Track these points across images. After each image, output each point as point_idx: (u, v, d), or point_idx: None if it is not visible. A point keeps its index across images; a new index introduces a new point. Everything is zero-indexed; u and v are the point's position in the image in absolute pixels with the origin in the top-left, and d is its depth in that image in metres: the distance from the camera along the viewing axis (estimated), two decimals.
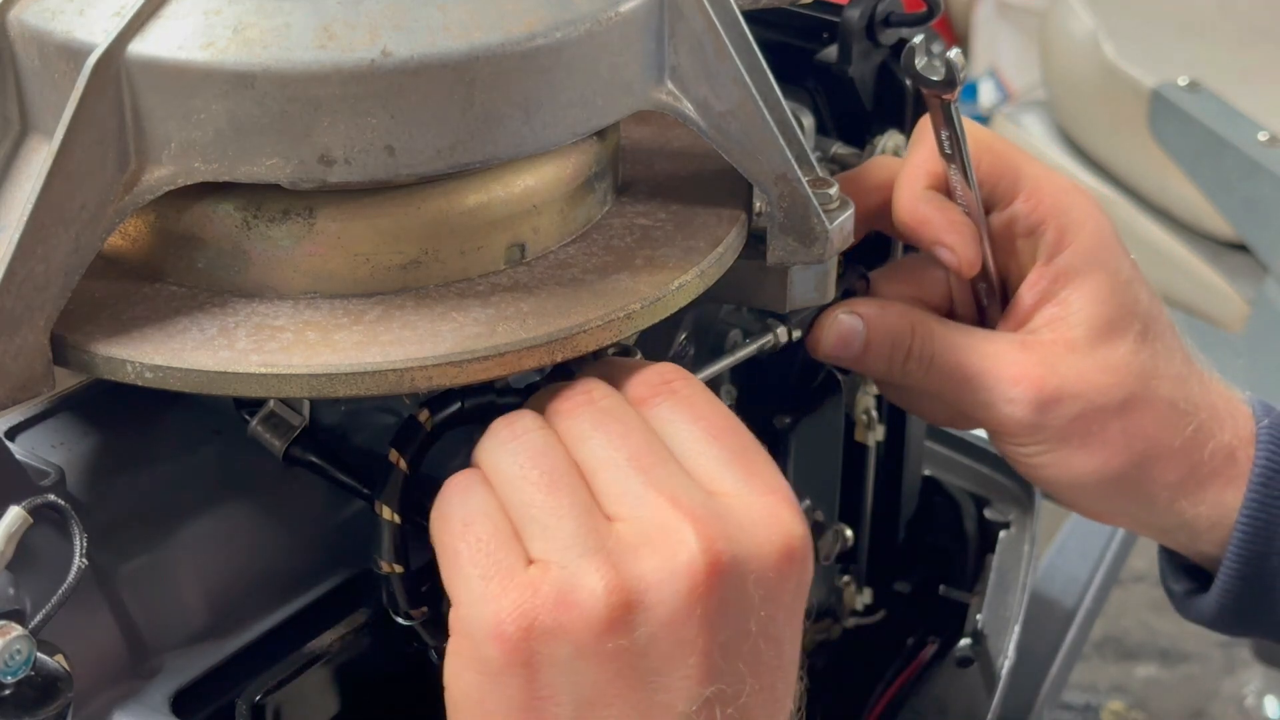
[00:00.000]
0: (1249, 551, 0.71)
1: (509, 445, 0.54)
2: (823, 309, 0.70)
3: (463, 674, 0.52)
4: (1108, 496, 0.72)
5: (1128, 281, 0.70)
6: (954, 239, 0.69)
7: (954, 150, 0.68)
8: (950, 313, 0.74)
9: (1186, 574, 0.77)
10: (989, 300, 0.73)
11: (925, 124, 0.71)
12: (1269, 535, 0.71)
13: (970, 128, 0.69)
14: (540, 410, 0.56)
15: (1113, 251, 0.70)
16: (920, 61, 0.67)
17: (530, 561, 0.51)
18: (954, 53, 0.66)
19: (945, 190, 0.70)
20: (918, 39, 0.67)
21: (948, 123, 0.68)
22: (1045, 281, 0.70)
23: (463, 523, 0.53)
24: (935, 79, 0.67)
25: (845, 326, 0.70)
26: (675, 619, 0.50)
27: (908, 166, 0.71)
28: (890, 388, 0.75)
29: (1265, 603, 0.73)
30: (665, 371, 0.56)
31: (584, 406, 0.54)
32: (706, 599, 0.50)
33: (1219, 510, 0.71)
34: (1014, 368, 0.69)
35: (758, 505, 0.53)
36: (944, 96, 0.67)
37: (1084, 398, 0.69)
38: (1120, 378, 0.69)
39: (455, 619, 0.52)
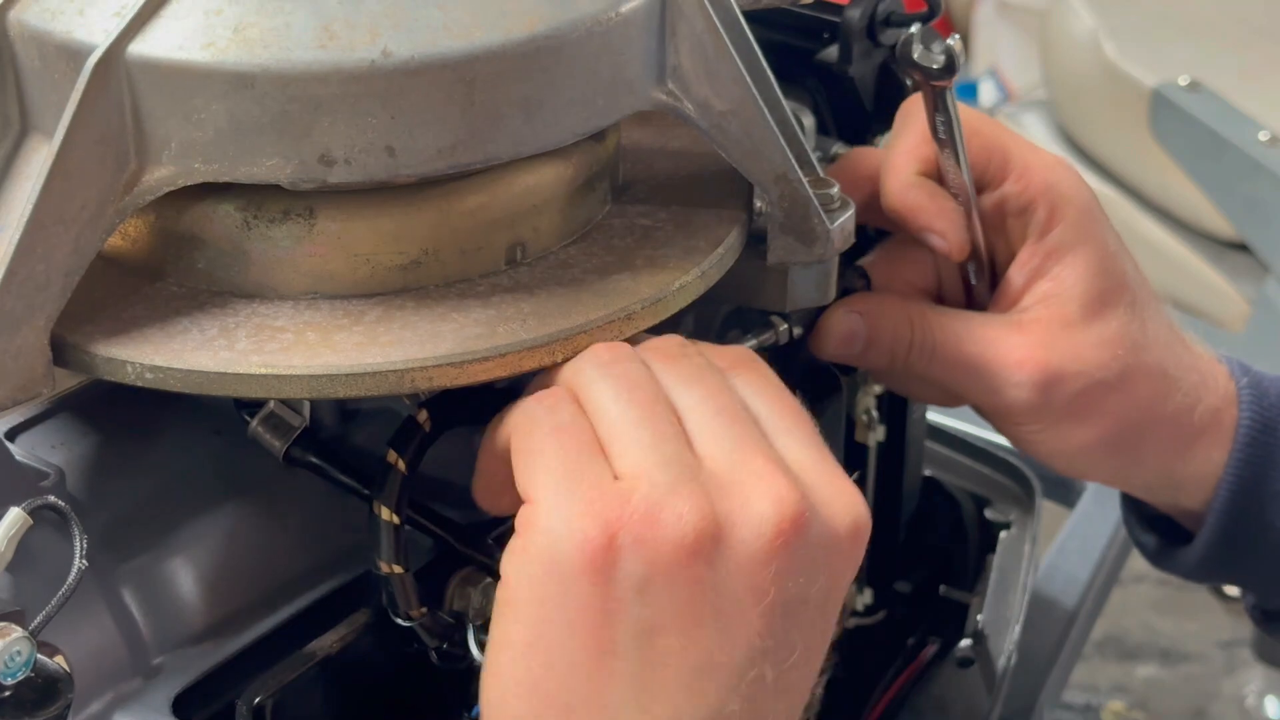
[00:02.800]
0: (1234, 506, 0.73)
1: (607, 369, 0.53)
2: (824, 308, 0.70)
3: (527, 568, 0.51)
4: (1101, 461, 0.74)
5: (1115, 253, 0.71)
6: (944, 225, 0.70)
7: (948, 136, 0.69)
8: (938, 294, 0.75)
9: (1153, 526, 0.79)
10: (978, 279, 0.73)
11: (908, 110, 0.71)
12: (1253, 489, 0.73)
13: (960, 111, 0.69)
14: None
15: (1100, 225, 0.71)
16: (917, 50, 0.67)
17: (617, 478, 0.51)
18: (953, 40, 0.67)
19: (934, 175, 0.70)
20: (914, 27, 0.68)
21: (943, 109, 0.68)
22: (1037, 259, 0.71)
23: (554, 427, 0.52)
24: (934, 68, 0.67)
25: (846, 325, 0.71)
26: (754, 563, 0.51)
27: (894, 154, 0.71)
28: (890, 376, 0.76)
29: (1244, 554, 0.75)
30: (743, 351, 0.57)
31: (681, 359, 0.55)
32: (784, 551, 0.51)
33: (1206, 468, 0.73)
34: (1015, 351, 0.69)
35: (834, 484, 0.54)
36: (941, 84, 0.67)
37: (1085, 375, 0.70)
38: (1115, 351, 0.70)
39: (532, 515, 0.51)
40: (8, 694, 0.52)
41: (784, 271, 0.63)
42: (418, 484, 0.59)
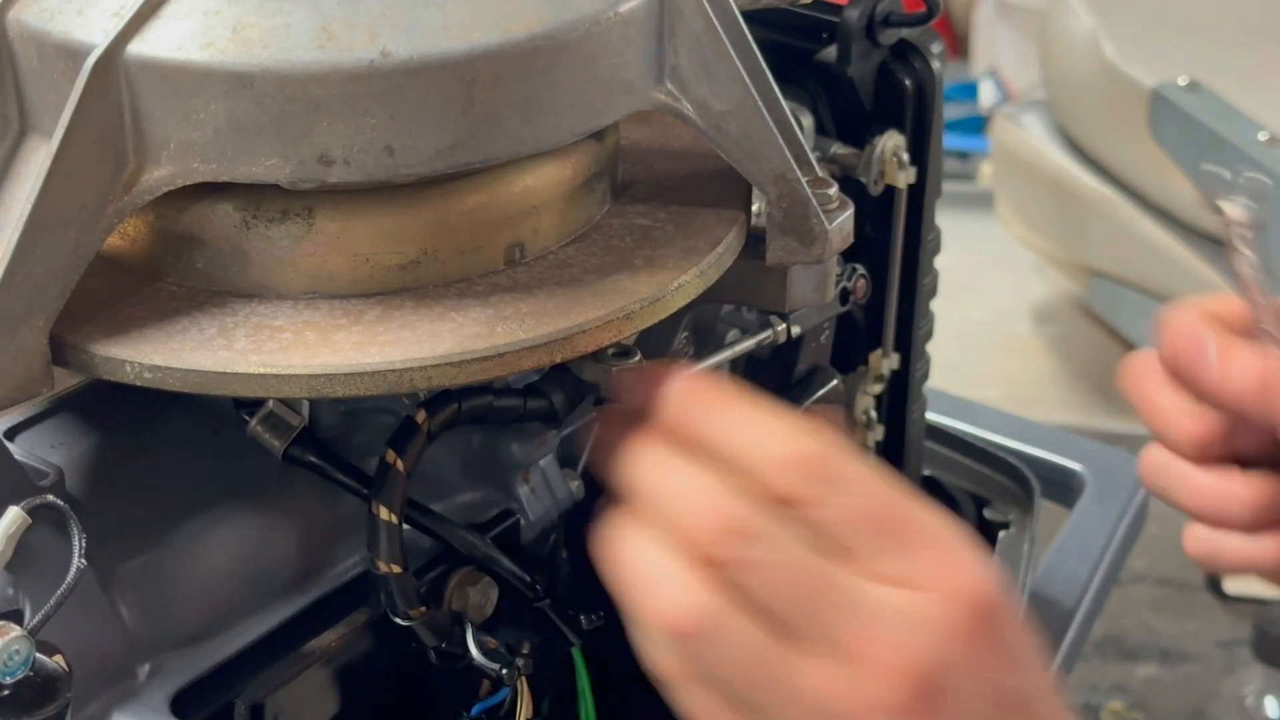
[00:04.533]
0: None
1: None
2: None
3: None
4: None
5: None
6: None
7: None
8: None
9: None
10: None
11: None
12: None
13: None
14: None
15: None
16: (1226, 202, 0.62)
17: None
18: (1250, 176, 0.62)
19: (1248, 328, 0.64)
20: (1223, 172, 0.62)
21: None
22: None
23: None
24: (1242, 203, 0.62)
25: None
26: None
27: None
28: None
29: None
30: (734, 520, 0.47)
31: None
32: None
33: None
34: None
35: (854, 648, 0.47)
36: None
37: None
38: None
39: None
40: (6, 693, 0.52)
41: (783, 272, 0.63)
42: (417, 483, 0.59)
